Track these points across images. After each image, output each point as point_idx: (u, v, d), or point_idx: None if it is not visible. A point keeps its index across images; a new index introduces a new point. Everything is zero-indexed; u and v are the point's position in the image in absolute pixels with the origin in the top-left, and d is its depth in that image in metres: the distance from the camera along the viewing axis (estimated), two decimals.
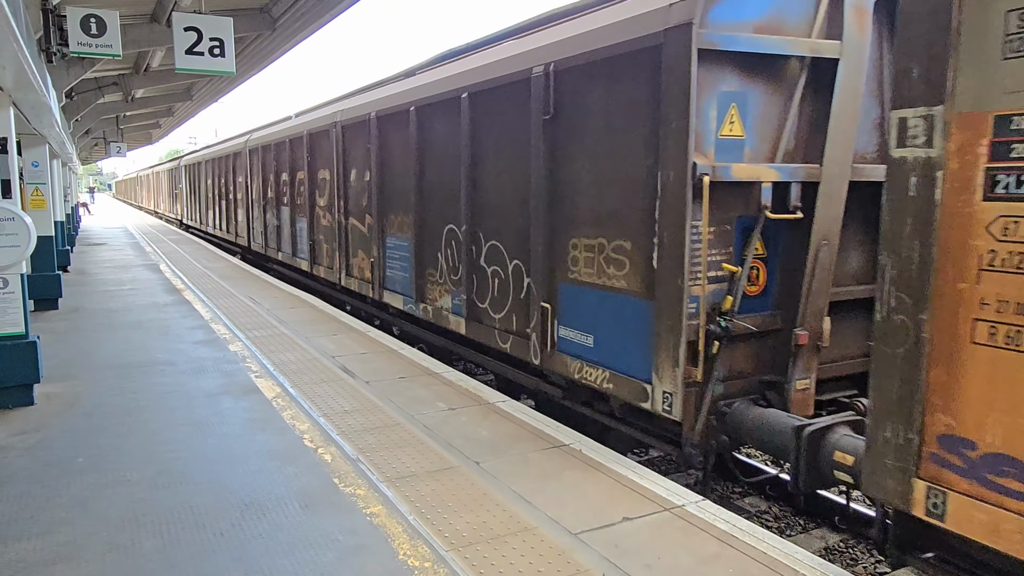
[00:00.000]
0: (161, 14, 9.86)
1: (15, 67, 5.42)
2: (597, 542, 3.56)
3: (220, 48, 7.93)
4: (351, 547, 3.49)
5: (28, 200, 9.67)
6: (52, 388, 6.24)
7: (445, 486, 4.22)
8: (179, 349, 7.77)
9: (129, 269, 15.55)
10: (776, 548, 3.50)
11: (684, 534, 3.65)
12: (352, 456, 4.68)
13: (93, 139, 26.02)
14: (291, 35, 11.20)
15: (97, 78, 14.16)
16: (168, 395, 6.08)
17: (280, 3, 10.26)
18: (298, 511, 3.88)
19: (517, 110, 6.33)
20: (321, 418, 5.44)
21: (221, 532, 3.64)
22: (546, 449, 4.84)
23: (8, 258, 5.58)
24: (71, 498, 4.05)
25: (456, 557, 3.40)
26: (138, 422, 5.37)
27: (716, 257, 4.89)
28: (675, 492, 4.17)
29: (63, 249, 14.67)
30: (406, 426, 5.29)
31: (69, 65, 9.72)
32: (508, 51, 6.75)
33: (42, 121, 8.84)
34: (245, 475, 4.37)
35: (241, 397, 6.01)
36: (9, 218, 5.53)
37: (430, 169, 8.02)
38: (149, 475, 4.38)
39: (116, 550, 3.46)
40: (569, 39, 5.70)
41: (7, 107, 6.52)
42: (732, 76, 4.78)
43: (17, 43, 4.69)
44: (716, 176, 4.60)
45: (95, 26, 7.80)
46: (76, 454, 4.73)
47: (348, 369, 6.95)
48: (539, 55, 6.00)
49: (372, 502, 3.99)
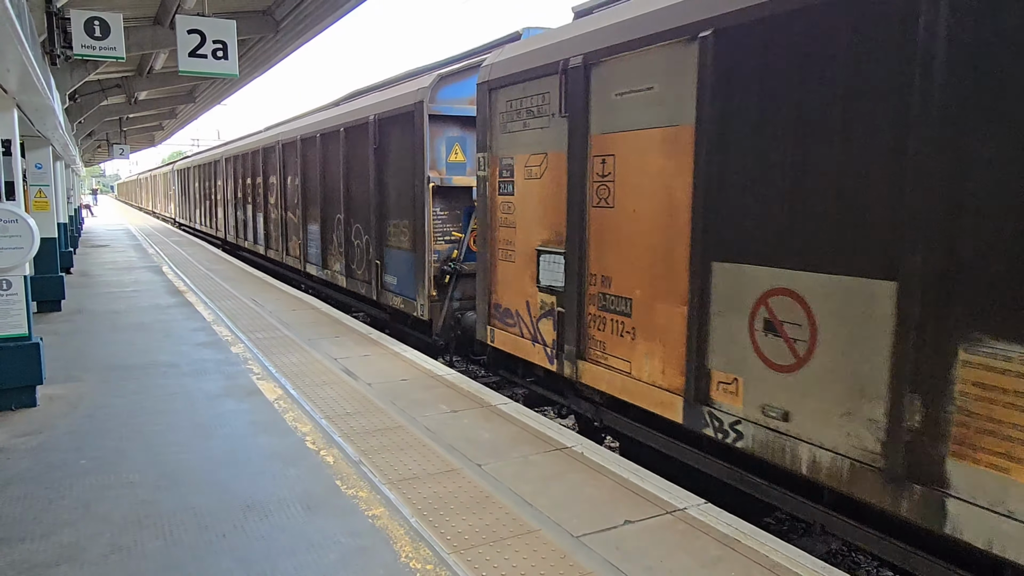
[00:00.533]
0: (164, 17, 9.89)
1: (19, 70, 5.44)
2: (599, 545, 3.56)
3: (223, 51, 7.95)
4: (353, 549, 3.50)
5: (31, 202, 9.69)
6: (55, 390, 6.25)
7: (447, 488, 4.22)
8: (182, 351, 7.79)
9: (132, 271, 15.58)
10: (779, 551, 3.50)
11: (686, 537, 3.65)
12: (354, 458, 4.68)
13: (96, 141, 26.11)
14: (294, 37, 11.23)
15: (100, 80, 14.21)
16: (171, 397, 6.09)
17: (283, 6, 10.29)
18: (300, 513, 3.88)
19: (363, 142, 10.16)
20: (323, 420, 5.44)
21: (224, 534, 3.65)
22: (548, 452, 4.84)
23: (11, 260, 5.59)
24: (74, 500, 4.06)
25: (458, 559, 3.40)
26: (141, 424, 5.38)
27: (450, 228, 8.63)
28: (677, 495, 4.16)
29: (66, 251, 14.70)
30: (408, 428, 5.29)
31: (73, 67, 9.75)
32: (368, 101, 10.52)
33: (46, 123, 8.87)
34: (247, 477, 4.38)
35: (243, 399, 6.02)
36: (13, 220, 5.54)
37: (328, 177, 11.84)
38: (152, 477, 4.38)
39: (119, 551, 3.46)
40: (384, 100, 9.55)
41: (11, 110, 6.54)
42: (455, 127, 8.54)
43: (21, 46, 4.71)
44: (444, 183, 8.45)
45: (99, 29, 7.82)
46: (79, 456, 4.74)
47: (350, 371, 6.95)
48: (372, 109, 9.80)
49: (374, 504, 4.00)
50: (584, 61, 5.42)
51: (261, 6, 10.51)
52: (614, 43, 5.15)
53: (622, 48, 5.07)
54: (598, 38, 5.35)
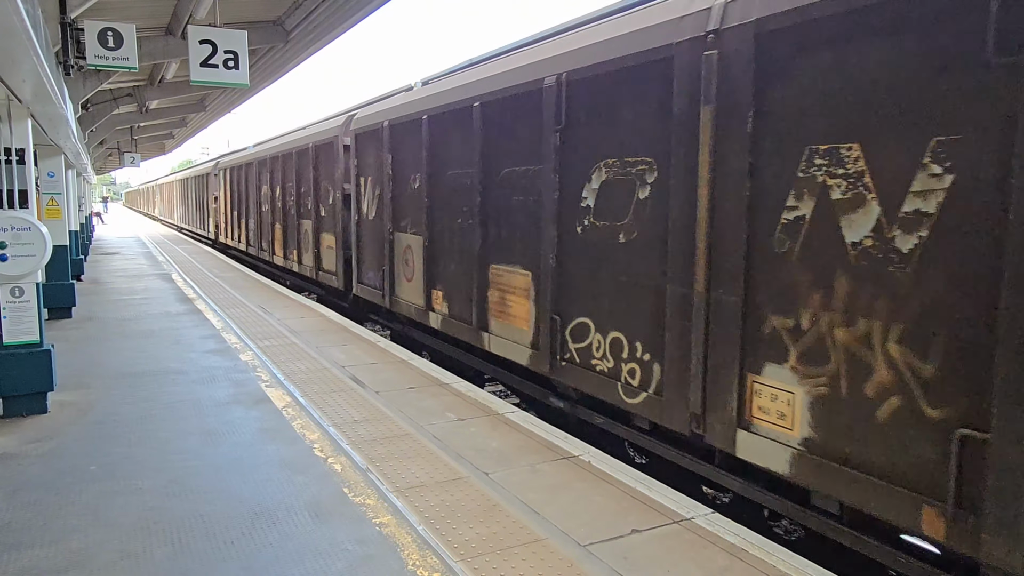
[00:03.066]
0: (176, 27, 9.99)
1: (34, 80, 5.52)
2: (606, 554, 3.55)
3: (234, 60, 8.02)
4: (361, 557, 3.50)
5: (44, 210, 9.78)
6: (65, 396, 6.30)
7: (454, 496, 4.23)
8: (190, 358, 7.83)
9: (142, 278, 15.68)
10: (786, 562, 3.48)
11: (693, 547, 3.64)
12: (362, 466, 4.69)
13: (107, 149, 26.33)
14: (304, 47, 11.32)
15: (112, 89, 14.35)
16: (179, 404, 6.12)
17: (293, 16, 10.38)
18: (308, 520, 3.90)
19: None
20: (331, 428, 5.46)
21: (232, 541, 3.66)
22: (555, 460, 4.84)
23: (24, 267, 5.65)
24: (83, 506, 4.08)
25: (465, 568, 3.40)
26: (150, 431, 5.41)
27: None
28: (684, 504, 4.15)
29: (77, 258, 14.81)
30: (416, 436, 5.30)
31: (86, 77, 9.86)
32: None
33: (58, 132, 8.96)
34: (256, 484, 4.40)
35: (252, 407, 6.05)
36: (26, 228, 5.60)
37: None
38: (161, 483, 4.41)
39: (128, 558, 3.48)
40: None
41: (25, 119, 6.62)
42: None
43: (37, 57, 4.77)
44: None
45: (112, 39, 7.91)
46: (89, 462, 4.77)
47: (358, 379, 6.97)
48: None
49: (382, 512, 4.00)
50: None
51: (272, 16, 10.60)
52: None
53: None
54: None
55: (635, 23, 5.28)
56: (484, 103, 7.19)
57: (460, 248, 7.84)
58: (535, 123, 6.32)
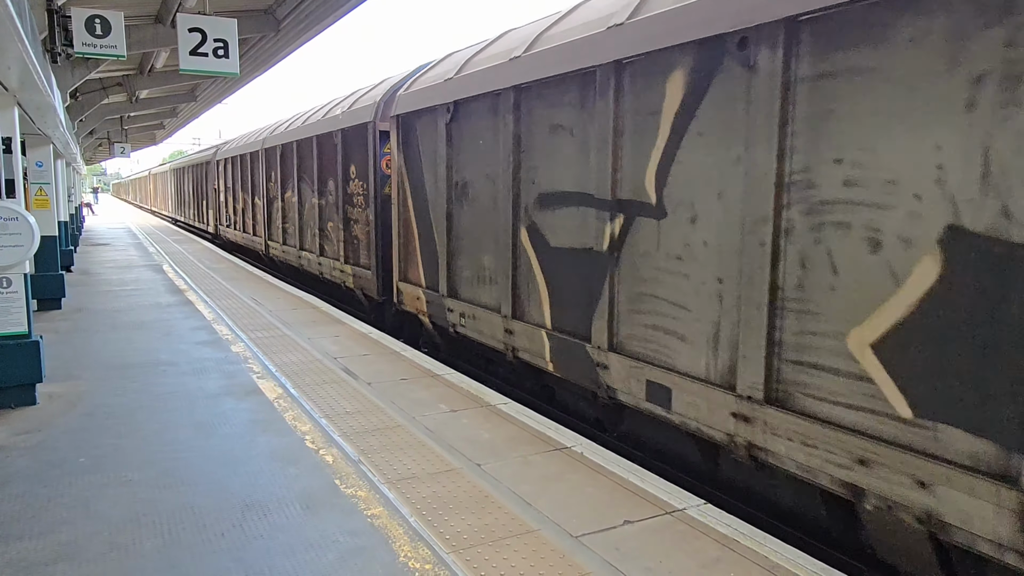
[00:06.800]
0: (166, 15, 9.88)
1: (20, 67, 5.44)
2: (598, 545, 3.55)
3: (224, 49, 7.95)
4: (352, 548, 3.49)
5: (32, 200, 9.70)
6: (54, 388, 6.25)
7: (446, 488, 4.22)
8: (181, 350, 7.78)
9: (132, 269, 15.58)
10: (778, 552, 3.49)
11: (685, 538, 3.64)
12: (354, 458, 4.68)
13: (97, 139, 26.10)
14: (295, 36, 11.22)
15: (102, 79, 14.21)
16: (170, 396, 6.08)
17: (284, 5, 10.28)
18: (299, 512, 3.88)
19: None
20: (323, 419, 5.44)
21: (222, 533, 3.64)
22: (547, 452, 4.84)
23: (12, 258, 5.59)
24: (72, 498, 4.05)
25: (457, 559, 3.39)
26: (140, 423, 5.38)
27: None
28: (676, 495, 4.16)
29: (67, 249, 14.70)
30: (407, 428, 5.29)
31: (74, 66, 9.74)
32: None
33: (46, 121, 8.86)
34: (247, 476, 4.37)
35: (243, 398, 6.02)
36: (13, 218, 5.54)
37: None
38: (151, 475, 4.38)
39: (117, 550, 3.46)
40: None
41: (12, 107, 6.54)
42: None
43: (22, 43, 4.70)
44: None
45: (100, 27, 7.82)
46: (78, 454, 4.73)
47: (350, 371, 6.95)
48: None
49: (373, 504, 3.99)
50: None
51: (262, 5, 10.50)
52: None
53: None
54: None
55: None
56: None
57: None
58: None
